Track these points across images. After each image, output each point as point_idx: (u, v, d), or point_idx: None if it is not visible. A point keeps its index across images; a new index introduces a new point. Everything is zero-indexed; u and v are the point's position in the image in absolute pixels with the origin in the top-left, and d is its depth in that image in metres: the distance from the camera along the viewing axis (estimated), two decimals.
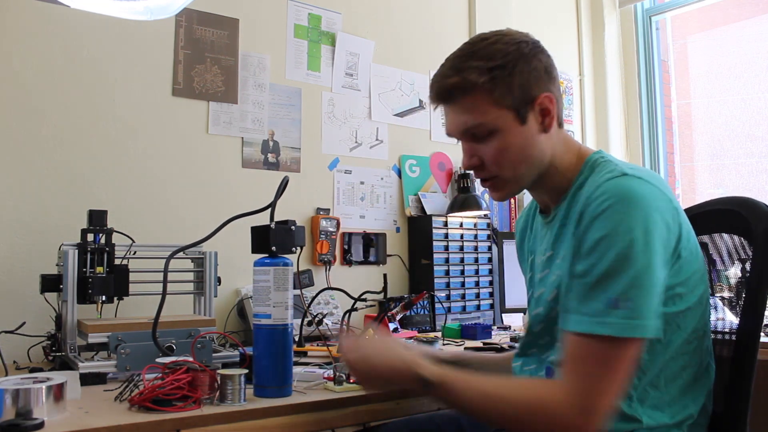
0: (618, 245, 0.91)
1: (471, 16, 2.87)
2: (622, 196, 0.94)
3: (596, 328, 0.91)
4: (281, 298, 1.29)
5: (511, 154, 1.08)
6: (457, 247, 2.52)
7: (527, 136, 1.07)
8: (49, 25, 1.86)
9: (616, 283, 0.91)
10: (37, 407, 1.07)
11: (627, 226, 0.92)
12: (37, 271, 1.66)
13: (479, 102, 1.06)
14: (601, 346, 0.91)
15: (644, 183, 0.96)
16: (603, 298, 0.91)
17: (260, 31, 2.27)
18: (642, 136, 3.33)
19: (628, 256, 0.91)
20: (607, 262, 0.92)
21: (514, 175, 1.10)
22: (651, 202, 0.94)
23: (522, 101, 1.06)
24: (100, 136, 1.93)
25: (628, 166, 1.02)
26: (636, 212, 0.92)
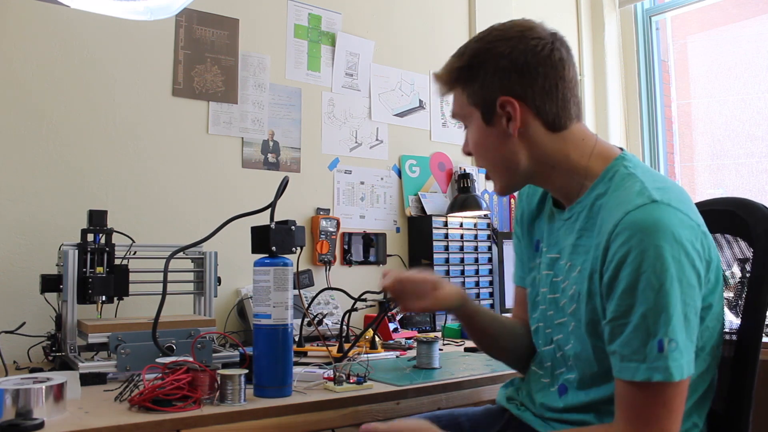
0: (656, 283, 0.88)
1: (471, 16, 2.87)
2: (652, 230, 0.90)
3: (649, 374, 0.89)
4: (281, 298, 1.29)
5: (482, 152, 1.10)
6: (457, 247, 2.52)
7: (494, 137, 1.07)
8: (49, 25, 1.86)
9: (659, 324, 0.89)
10: (37, 407, 1.08)
11: (662, 263, 0.88)
12: (37, 271, 1.66)
13: (457, 94, 1.11)
14: (655, 392, 0.90)
15: (672, 211, 0.92)
16: (649, 342, 0.89)
17: (260, 31, 2.27)
18: (642, 136, 3.33)
19: (667, 293, 0.88)
20: (647, 302, 0.89)
21: (492, 172, 1.12)
22: (681, 232, 0.91)
23: (483, 102, 1.06)
24: (100, 136, 1.93)
25: (656, 185, 0.97)
26: (669, 246, 0.89)
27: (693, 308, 0.91)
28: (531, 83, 1.04)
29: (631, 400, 0.92)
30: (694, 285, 0.91)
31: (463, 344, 2.00)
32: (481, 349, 1.38)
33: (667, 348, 0.88)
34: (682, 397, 0.91)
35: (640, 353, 0.90)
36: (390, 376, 1.49)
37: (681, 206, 0.94)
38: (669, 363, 0.88)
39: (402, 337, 2.01)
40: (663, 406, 0.90)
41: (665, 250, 0.89)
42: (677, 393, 0.90)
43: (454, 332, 2.16)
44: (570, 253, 1.07)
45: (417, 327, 2.31)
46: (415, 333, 2.09)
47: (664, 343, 0.88)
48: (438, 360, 1.60)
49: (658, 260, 0.89)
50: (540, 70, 1.04)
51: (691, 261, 0.91)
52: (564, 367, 1.10)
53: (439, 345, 1.74)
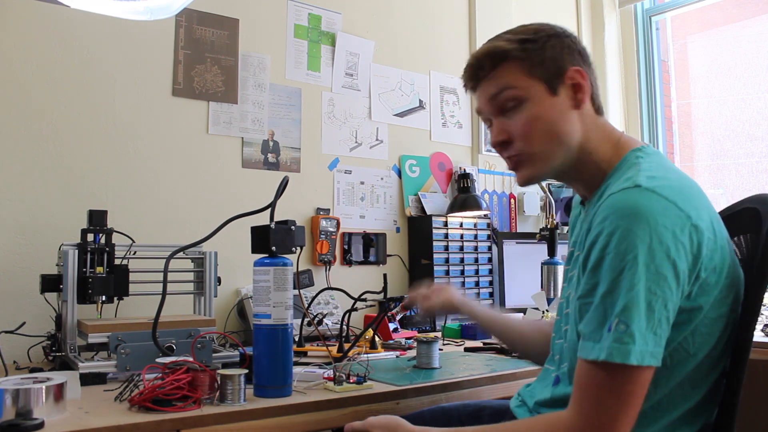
0: (619, 265, 0.87)
1: (471, 16, 2.87)
2: (626, 212, 0.88)
3: (597, 354, 0.87)
4: (281, 298, 1.29)
5: (540, 126, 1.04)
6: (457, 247, 2.52)
7: (558, 108, 1.04)
8: (49, 25, 1.86)
9: (615, 305, 0.87)
10: (37, 407, 1.08)
11: (628, 246, 0.86)
12: (37, 271, 1.66)
13: (510, 70, 1.05)
14: (603, 373, 0.87)
15: (655, 197, 0.89)
16: (605, 322, 0.87)
17: (260, 31, 2.27)
18: (642, 136, 3.33)
19: (627, 276, 0.86)
20: (607, 282, 0.88)
21: (543, 151, 1.05)
22: (659, 219, 0.87)
23: (553, 73, 1.04)
24: (100, 136, 1.93)
25: (650, 173, 0.95)
26: (640, 231, 0.86)
27: (661, 299, 0.87)
28: (589, 65, 1.08)
29: (582, 380, 0.90)
30: (665, 275, 0.87)
31: (463, 344, 2.00)
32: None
33: (615, 329, 0.86)
34: (636, 386, 0.87)
35: (597, 333, 0.88)
36: (390, 376, 1.49)
37: (670, 195, 0.90)
38: (612, 344, 0.85)
39: (402, 337, 2.01)
40: (611, 390, 0.87)
41: (634, 233, 0.86)
42: (628, 381, 0.86)
43: (454, 332, 2.16)
44: (580, 243, 1.07)
45: (417, 327, 2.31)
46: (415, 333, 2.09)
47: (612, 325, 0.86)
48: (438, 360, 1.60)
49: (624, 242, 0.87)
50: (590, 59, 1.10)
51: (666, 250, 0.87)
52: (560, 354, 1.10)
53: (439, 345, 1.74)
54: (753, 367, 1.08)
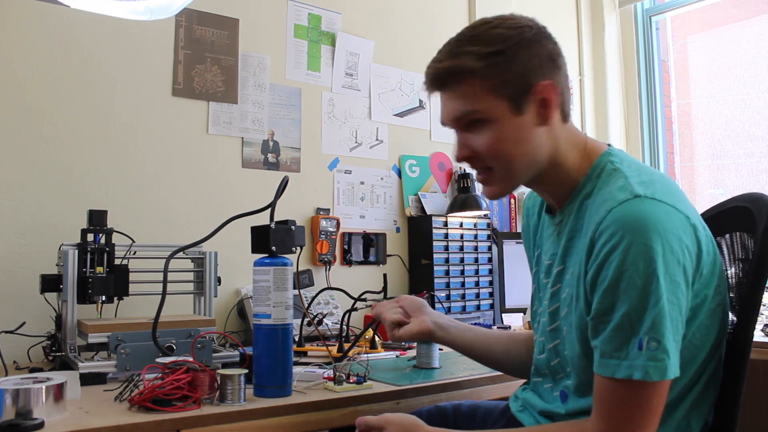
0: (640, 281, 0.86)
1: (471, 16, 2.87)
2: (635, 225, 0.87)
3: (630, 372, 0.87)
4: (281, 298, 1.29)
5: (505, 147, 1.01)
6: (457, 247, 2.52)
7: (523, 128, 1.00)
8: (49, 25, 1.86)
9: (642, 323, 0.86)
10: (37, 407, 1.08)
11: (646, 260, 0.86)
12: (37, 271, 1.66)
13: (474, 89, 1.00)
14: (632, 390, 0.88)
15: (657, 204, 0.89)
16: (631, 340, 0.87)
17: (260, 31, 2.27)
18: (642, 136, 3.33)
19: (651, 291, 0.86)
20: (629, 300, 0.87)
21: (508, 170, 1.03)
22: (667, 226, 0.88)
23: (520, 90, 0.99)
24: (100, 136, 1.93)
25: (640, 179, 0.95)
26: (654, 243, 0.86)
27: (678, 307, 0.88)
28: (560, 69, 1.03)
29: (608, 396, 0.90)
30: (679, 282, 0.88)
31: None
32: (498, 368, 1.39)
33: (646, 347, 0.86)
34: (660, 399, 0.89)
35: (622, 351, 0.88)
36: (390, 375, 1.49)
37: (666, 198, 0.91)
38: (648, 363, 0.86)
39: None
40: (639, 406, 0.88)
41: (649, 247, 0.86)
42: (655, 394, 0.88)
43: None
44: (562, 257, 1.05)
45: None
46: None
47: (643, 342, 0.86)
48: (438, 360, 1.61)
49: (642, 257, 0.86)
50: (562, 59, 1.04)
51: (677, 258, 0.88)
52: (563, 373, 1.08)
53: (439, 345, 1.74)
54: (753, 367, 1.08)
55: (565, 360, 1.06)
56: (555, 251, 1.09)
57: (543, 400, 1.13)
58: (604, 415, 0.91)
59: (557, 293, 1.07)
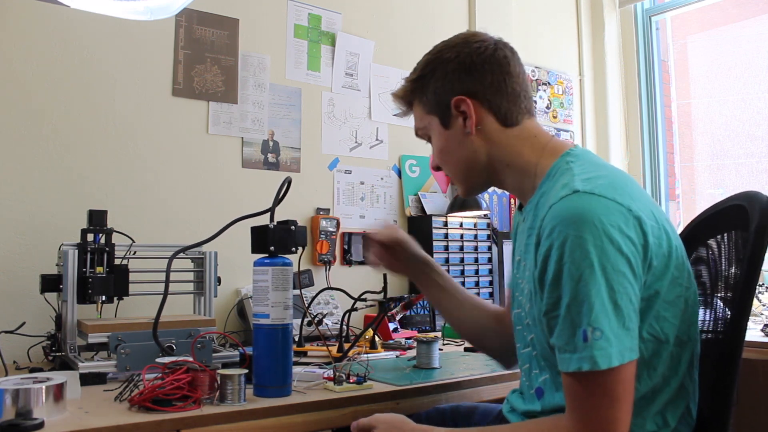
0: (576, 273, 0.88)
1: (471, 16, 2.87)
2: (572, 220, 0.90)
3: (579, 364, 0.88)
4: (280, 298, 1.29)
5: (444, 156, 1.16)
6: (457, 247, 2.52)
7: (453, 138, 1.13)
8: (49, 25, 1.86)
9: (582, 314, 0.88)
10: (37, 407, 1.08)
11: (582, 252, 0.88)
12: (37, 271, 1.66)
13: (416, 110, 1.19)
14: (591, 381, 0.89)
15: (595, 198, 0.91)
16: (576, 332, 0.89)
17: (260, 31, 2.27)
18: (642, 136, 3.33)
19: (588, 281, 0.88)
20: (570, 292, 0.89)
21: (455, 175, 1.17)
22: (603, 218, 0.89)
23: (441, 107, 1.13)
24: (100, 136, 1.93)
25: (584, 176, 0.97)
26: (587, 234, 0.88)
27: (625, 295, 0.89)
28: (480, 80, 1.10)
29: (573, 390, 0.92)
30: (623, 271, 0.89)
31: (463, 344, 2.00)
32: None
33: (591, 337, 0.87)
34: (625, 385, 0.89)
35: (571, 344, 0.90)
36: (390, 376, 1.49)
37: (607, 192, 0.92)
38: (594, 352, 0.87)
39: (402, 337, 2.01)
40: (603, 394, 0.89)
41: (584, 239, 0.88)
42: (616, 381, 0.88)
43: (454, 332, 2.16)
44: (524, 252, 1.09)
45: (417, 327, 2.31)
46: (415, 333, 2.10)
47: (588, 333, 0.87)
48: (438, 360, 1.61)
49: (577, 250, 0.88)
50: (486, 66, 1.10)
51: (617, 246, 0.89)
52: (538, 368, 1.08)
53: (439, 345, 1.74)
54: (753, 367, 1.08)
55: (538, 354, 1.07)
56: (520, 246, 1.13)
57: (524, 401, 1.14)
58: (574, 408, 0.92)
59: (523, 288, 1.09)
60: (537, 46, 3.10)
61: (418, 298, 1.95)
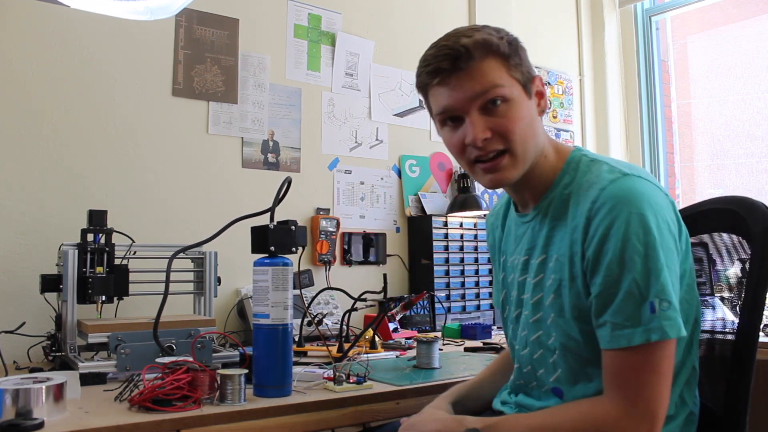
0: (642, 248, 0.91)
1: (471, 16, 2.87)
2: (630, 199, 0.93)
3: (647, 336, 0.89)
4: (280, 298, 1.29)
5: (523, 126, 1.03)
6: (457, 247, 2.52)
7: (532, 111, 1.06)
8: (49, 25, 1.86)
9: (650, 287, 0.90)
10: (37, 407, 1.08)
11: (645, 228, 0.91)
12: (37, 271, 1.66)
13: (497, 66, 1.03)
14: (645, 356, 0.90)
15: (644, 182, 0.96)
16: (642, 305, 0.90)
17: (260, 31, 2.27)
18: (642, 136, 3.33)
19: (653, 256, 0.91)
20: (635, 267, 0.91)
21: (523, 150, 1.04)
22: (656, 199, 0.95)
23: (527, 78, 1.06)
24: (100, 136, 1.93)
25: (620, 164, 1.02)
26: (648, 212, 0.92)
27: (675, 272, 0.94)
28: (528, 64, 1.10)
29: (621, 367, 0.92)
30: (673, 249, 0.94)
31: (463, 344, 2.00)
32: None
33: (659, 308, 0.90)
34: (670, 361, 0.92)
35: (634, 318, 0.90)
36: (390, 376, 1.49)
37: (650, 178, 0.99)
38: (663, 322, 0.89)
39: (402, 337, 2.01)
40: (653, 370, 0.90)
41: (646, 216, 0.92)
42: (666, 355, 0.91)
43: (454, 332, 2.16)
44: (543, 246, 1.07)
45: (417, 327, 2.31)
46: (415, 333, 2.10)
47: (655, 305, 0.90)
48: (438, 360, 1.60)
49: (641, 226, 0.92)
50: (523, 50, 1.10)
51: (668, 227, 0.94)
52: (545, 367, 1.07)
53: (439, 345, 1.74)
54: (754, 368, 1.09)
55: (549, 351, 1.06)
56: (532, 245, 1.11)
57: (538, 399, 1.12)
58: (620, 385, 0.92)
59: (540, 283, 1.08)
60: (537, 46, 3.09)
61: (418, 298, 1.96)
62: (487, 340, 2.08)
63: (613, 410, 0.91)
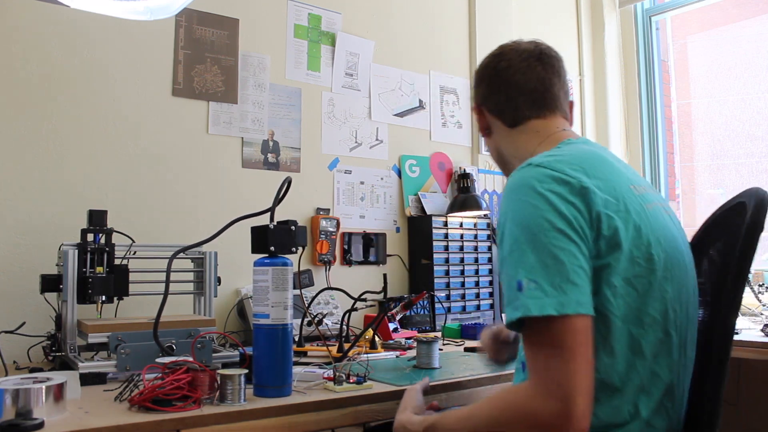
0: (510, 232, 0.95)
1: (471, 16, 2.87)
2: (512, 187, 0.99)
3: (513, 314, 0.91)
4: (280, 298, 1.29)
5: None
6: (457, 247, 2.52)
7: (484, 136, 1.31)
8: (49, 25, 1.86)
9: (516, 267, 0.92)
10: (37, 407, 1.08)
11: (514, 213, 0.96)
12: (37, 271, 1.66)
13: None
14: (537, 331, 0.90)
15: (536, 168, 0.98)
16: (513, 285, 0.92)
17: (260, 31, 2.27)
18: (642, 136, 3.33)
19: (520, 238, 0.93)
20: (506, 249, 0.96)
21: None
22: (543, 183, 0.95)
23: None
24: (100, 136, 1.93)
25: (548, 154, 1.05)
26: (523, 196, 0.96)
27: (566, 250, 0.91)
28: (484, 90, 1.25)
29: (526, 347, 0.93)
30: (560, 227, 0.92)
31: (463, 344, 2.00)
32: None
33: (526, 287, 0.90)
34: (577, 336, 0.88)
35: (509, 297, 0.94)
36: (390, 376, 1.49)
37: (553, 165, 0.98)
38: (527, 300, 0.89)
39: (402, 337, 2.01)
40: (554, 345, 0.88)
41: (518, 200, 0.96)
42: (565, 330, 0.88)
43: (454, 332, 2.16)
44: None
45: (417, 327, 2.31)
46: (415, 333, 2.10)
47: (522, 283, 0.91)
48: (438, 360, 1.60)
49: (510, 210, 0.97)
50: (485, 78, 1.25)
51: (554, 206, 0.93)
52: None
53: (439, 345, 1.74)
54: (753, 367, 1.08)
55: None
56: None
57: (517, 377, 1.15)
58: (530, 366, 0.92)
59: None
60: None
61: (418, 298, 1.96)
62: None
63: (526, 390, 0.90)
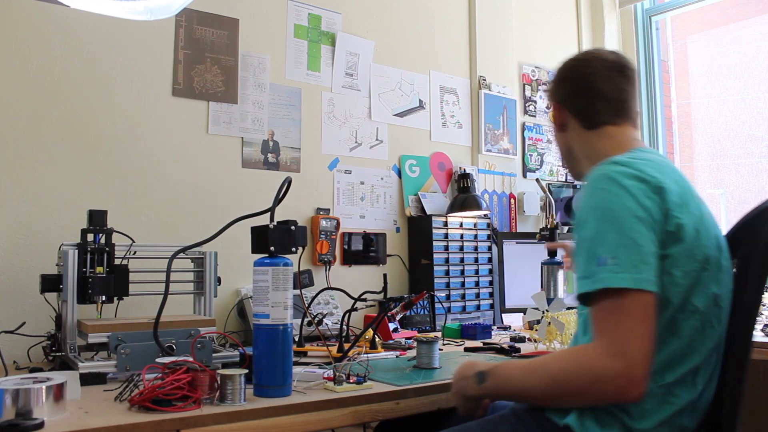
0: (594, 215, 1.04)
1: (471, 16, 2.87)
2: (595, 177, 1.09)
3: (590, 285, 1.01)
4: (280, 298, 1.29)
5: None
6: (457, 247, 2.52)
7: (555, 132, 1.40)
8: (49, 25, 1.86)
9: (597, 246, 1.02)
10: (37, 407, 1.08)
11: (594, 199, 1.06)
12: (37, 271, 1.66)
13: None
14: (607, 301, 1.00)
15: (618, 165, 1.08)
16: (592, 261, 1.02)
17: (260, 31, 2.27)
18: (642, 136, 3.33)
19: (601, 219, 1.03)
20: (588, 230, 1.04)
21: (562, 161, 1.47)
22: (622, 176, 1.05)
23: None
24: (100, 136, 1.93)
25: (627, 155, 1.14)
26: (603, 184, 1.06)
27: (644, 235, 1.01)
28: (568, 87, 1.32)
29: (596, 315, 1.03)
30: (640, 216, 1.02)
31: (463, 344, 2.00)
32: None
33: (607, 263, 1.00)
34: (643, 307, 0.99)
35: (587, 271, 1.03)
36: (390, 376, 1.49)
37: (633, 164, 1.08)
38: (607, 274, 0.99)
39: (402, 337, 2.01)
40: (621, 312, 0.99)
41: (597, 188, 1.07)
42: (636, 302, 0.99)
43: (454, 332, 2.16)
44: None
45: (417, 327, 2.31)
46: (415, 333, 2.10)
47: (604, 259, 1.00)
48: (438, 360, 1.60)
49: (591, 196, 1.07)
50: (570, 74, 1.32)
51: (633, 195, 1.03)
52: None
53: (439, 345, 1.74)
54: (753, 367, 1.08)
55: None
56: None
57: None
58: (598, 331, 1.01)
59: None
60: (537, 46, 3.10)
61: (418, 298, 1.96)
62: (487, 340, 2.08)
63: (594, 349, 1.00)
